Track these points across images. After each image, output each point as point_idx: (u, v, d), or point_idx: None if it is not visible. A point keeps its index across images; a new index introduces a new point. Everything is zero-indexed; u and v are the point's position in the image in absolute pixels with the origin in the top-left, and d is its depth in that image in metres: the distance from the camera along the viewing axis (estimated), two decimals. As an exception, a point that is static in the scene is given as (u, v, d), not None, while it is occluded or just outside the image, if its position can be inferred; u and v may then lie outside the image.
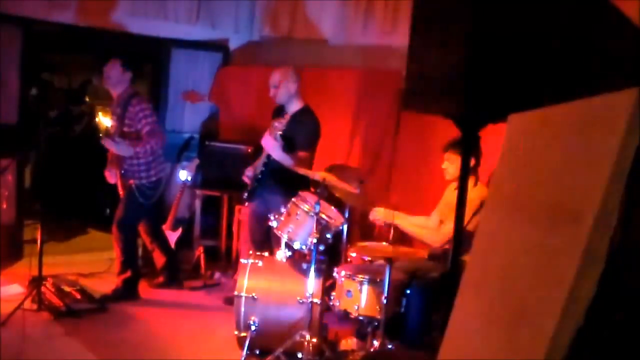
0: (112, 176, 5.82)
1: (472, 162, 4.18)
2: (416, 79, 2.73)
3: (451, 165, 4.50)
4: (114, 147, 5.49)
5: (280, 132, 5.04)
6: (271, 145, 5.09)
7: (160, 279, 6.05)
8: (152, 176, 5.66)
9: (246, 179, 5.43)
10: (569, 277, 1.35)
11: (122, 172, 5.65)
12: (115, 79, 5.58)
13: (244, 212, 5.79)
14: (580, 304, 1.34)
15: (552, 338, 1.35)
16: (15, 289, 5.49)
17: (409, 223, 4.68)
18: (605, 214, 1.34)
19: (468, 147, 2.63)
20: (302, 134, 5.23)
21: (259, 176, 5.32)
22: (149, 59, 7.79)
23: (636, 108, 1.36)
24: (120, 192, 5.78)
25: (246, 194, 5.43)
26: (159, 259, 6.02)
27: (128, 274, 5.62)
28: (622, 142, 1.35)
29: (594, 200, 1.36)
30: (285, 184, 5.18)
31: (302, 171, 4.79)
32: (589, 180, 1.40)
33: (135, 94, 5.64)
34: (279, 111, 5.43)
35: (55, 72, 10.38)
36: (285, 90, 5.29)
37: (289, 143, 5.13)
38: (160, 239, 6.02)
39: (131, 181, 5.62)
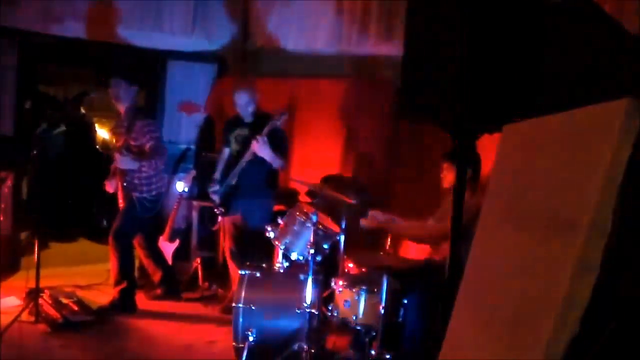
0: (111, 186, 5.87)
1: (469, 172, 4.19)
2: (411, 89, 2.76)
3: (448, 173, 4.53)
4: (121, 162, 5.58)
5: (268, 133, 5.20)
6: (266, 148, 5.23)
7: (158, 292, 6.05)
8: (153, 190, 5.74)
9: (213, 196, 5.54)
10: (564, 286, 1.36)
11: (125, 184, 5.70)
12: (123, 95, 5.71)
13: (223, 226, 5.82)
14: (575, 312, 1.35)
15: (548, 346, 1.36)
16: (12, 302, 5.47)
17: (401, 225, 4.69)
18: (600, 222, 1.36)
19: (463, 157, 2.66)
20: (281, 139, 5.49)
21: (233, 185, 5.43)
22: (145, 71, 7.81)
23: (628, 117, 1.37)
24: (120, 203, 5.81)
25: (221, 208, 5.52)
26: (156, 273, 6.03)
27: (124, 284, 5.62)
28: (614, 151, 1.37)
29: (588, 208, 1.37)
30: (262, 185, 5.46)
31: (300, 181, 4.83)
32: (583, 189, 1.42)
33: (143, 110, 5.93)
34: (237, 122, 5.66)
35: (52, 84, 10.39)
36: (256, 109, 5.57)
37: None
38: (154, 253, 6.04)
39: (132, 193, 5.67)
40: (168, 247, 6.23)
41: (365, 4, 6.51)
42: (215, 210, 5.64)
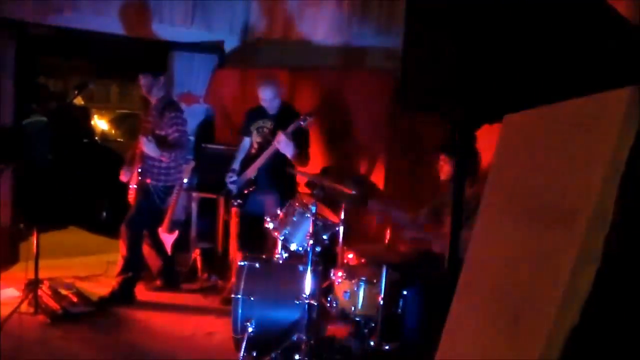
0: (126, 175, 5.94)
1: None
2: (411, 79, 2.75)
3: (445, 165, 4.53)
4: (146, 147, 5.60)
5: (293, 131, 5.19)
6: (289, 146, 5.22)
7: (158, 283, 6.06)
8: (169, 180, 5.81)
9: (230, 186, 5.50)
10: (564, 277, 1.35)
11: (140, 170, 5.77)
12: (154, 88, 5.78)
13: (235, 218, 5.81)
14: (575, 303, 1.34)
15: (548, 337, 1.35)
16: (11, 293, 5.47)
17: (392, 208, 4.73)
18: (601, 213, 1.34)
19: (463, 148, 2.65)
20: (306, 137, 5.46)
21: (255, 179, 5.37)
22: (145, 62, 7.77)
23: (630, 106, 1.36)
24: (130, 192, 5.87)
25: (239, 200, 5.48)
26: (155, 263, 6.04)
27: (129, 274, 5.63)
28: (616, 140, 1.35)
29: (589, 199, 1.36)
30: (281, 183, 5.26)
31: (299, 172, 4.82)
32: (584, 179, 1.40)
33: (173, 101, 5.91)
34: (260, 113, 5.60)
35: (52, 76, 10.39)
36: (279, 100, 5.49)
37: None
38: (157, 243, 6.04)
39: (148, 180, 5.73)
40: (167, 238, 6.22)
41: (365, -5, 6.49)
42: (233, 201, 5.60)
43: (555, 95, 1.81)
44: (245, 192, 5.48)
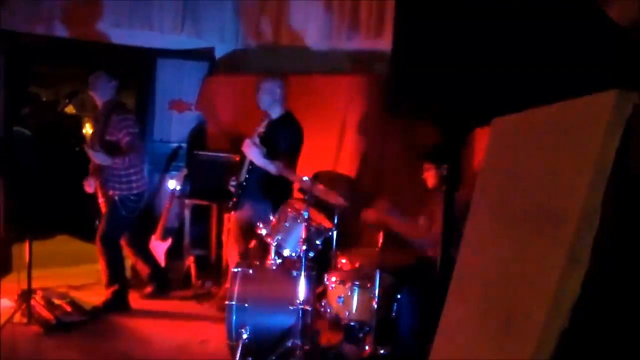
0: (90, 186, 5.76)
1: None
2: (400, 84, 2.76)
3: (429, 173, 4.55)
4: (94, 157, 5.47)
5: (258, 137, 5.07)
6: (252, 151, 5.11)
7: (149, 289, 6.03)
8: (133, 189, 5.61)
9: (231, 189, 5.45)
10: (553, 279, 1.36)
11: (101, 181, 5.63)
12: (101, 88, 5.59)
13: (229, 224, 5.78)
14: (564, 305, 1.35)
15: (538, 339, 1.36)
16: (4, 303, 5.44)
17: (399, 222, 4.69)
18: (588, 215, 1.35)
19: (453, 151, 2.65)
20: (283, 139, 5.24)
21: (243, 184, 5.33)
22: (135, 69, 7.78)
23: (616, 109, 1.37)
24: (100, 202, 5.75)
25: (231, 204, 5.45)
26: (144, 270, 6.01)
27: (116, 286, 5.60)
28: (603, 143, 1.36)
29: (577, 201, 1.37)
30: (270, 191, 5.22)
31: (290, 177, 4.81)
32: (571, 182, 1.41)
33: (120, 104, 5.66)
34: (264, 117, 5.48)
35: (43, 86, 10.36)
36: (269, 96, 5.31)
37: (270, 149, 5.14)
38: (142, 251, 6.01)
39: (111, 192, 5.58)
40: (160, 246, 6.21)
41: (355, 0, 6.50)
42: (228, 205, 5.56)
43: (544, 98, 1.82)
44: (238, 197, 5.46)
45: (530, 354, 1.38)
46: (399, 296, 4.42)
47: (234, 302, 4.49)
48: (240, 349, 4.39)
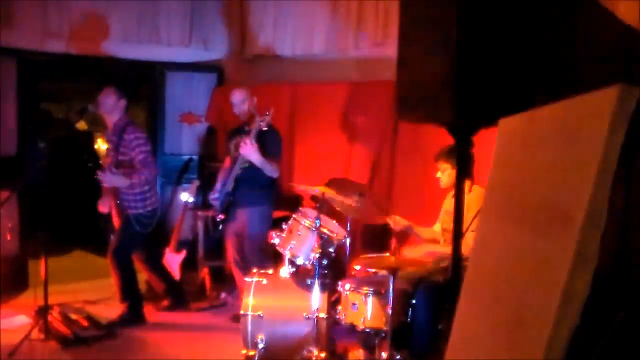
0: (104, 206, 5.81)
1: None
2: (407, 88, 2.76)
3: (443, 174, 4.54)
4: (112, 180, 5.49)
5: (255, 136, 5.16)
6: (252, 150, 5.16)
7: (165, 303, 6.04)
8: (148, 206, 5.65)
9: (214, 202, 5.52)
10: (562, 278, 1.35)
11: (118, 202, 5.65)
12: (111, 106, 5.58)
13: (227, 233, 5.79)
14: (575, 304, 1.34)
15: (549, 338, 1.35)
16: (22, 320, 5.49)
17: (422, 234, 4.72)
18: (595, 213, 1.34)
19: (462, 154, 2.64)
20: (272, 143, 5.41)
21: (232, 191, 5.40)
22: (144, 84, 7.83)
23: (620, 103, 1.36)
24: (115, 221, 5.77)
25: (221, 215, 5.50)
26: (159, 286, 6.03)
27: (129, 301, 5.63)
28: (607, 139, 1.35)
29: (583, 200, 1.36)
30: (259, 195, 5.40)
31: (301, 187, 4.83)
32: (577, 180, 1.41)
33: (131, 122, 5.67)
34: (239, 131, 5.60)
35: (54, 102, 10.44)
36: (250, 107, 5.50)
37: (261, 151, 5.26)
38: (157, 268, 6.03)
39: (128, 211, 5.61)
40: (175, 258, 6.23)
41: (360, 7, 6.50)
42: (216, 217, 5.60)
43: (549, 96, 1.81)
44: (227, 206, 5.51)
45: (542, 354, 1.37)
46: (413, 301, 4.41)
47: (249, 313, 4.50)
48: (256, 358, 4.40)
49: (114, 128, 5.63)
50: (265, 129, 5.18)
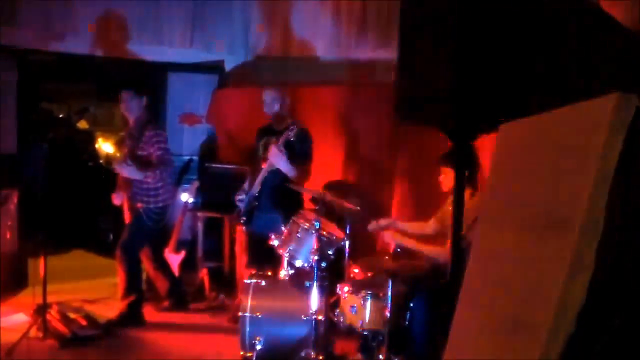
0: (118, 198, 5.91)
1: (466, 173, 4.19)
2: (406, 92, 2.76)
3: (446, 177, 4.54)
4: (125, 171, 5.62)
5: (284, 143, 5.12)
6: (280, 158, 5.14)
7: (166, 304, 6.06)
8: (159, 202, 5.75)
9: (239, 204, 5.49)
10: (559, 285, 1.36)
11: (130, 195, 5.74)
12: (133, 106, 5.75)
13: (241, 236, 5.78)
14: (571, 311, 1.35)
15: (545, 345, 1.36)
16: (20, 318, 5.49)
17: (416, 243, 4.71)
18: (592, 219, 1.35)
19: (461, 159, 2.65)
20: (303, 145, 5.35)
21: (257, 195, 5.35)
22: (146, 84, 7.83)
23: (617, 112, 1.37)
24: (126, 215, 5.85)
25: (243, 218, 5.47)
26: (163, 285, 6.04)
27: (132, 297, 5.64)
28: (605, 147, 1.36)
29: (580, 206, 1.37)
30: (284, 201, 5.24)
31: (299, 189, 4.84)
32: (575, 186, 1.41)
33: (152, 120, 5.86)
34: (267, 131, 5.52)
35: (54, 101, 10.44)
36: (282, 107, 5.44)
37: (290, 156, 5.21)
38: (162, 265, 6.05)
39: (139, 205, 5.70)
40: (174, 259, 6.24)
41: (363, 10, 6.52)
42: (239, 219, 5.58)
43: (549, 102, 1.82)
44: (250, 209, 5.47)
45: (539, 359, 1.38)
46: (411, 304, 4.42)
47: (247, 314, 4.50)
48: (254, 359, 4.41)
49: (135, 124, 5.77)
50: (293, 139, 5.15)
